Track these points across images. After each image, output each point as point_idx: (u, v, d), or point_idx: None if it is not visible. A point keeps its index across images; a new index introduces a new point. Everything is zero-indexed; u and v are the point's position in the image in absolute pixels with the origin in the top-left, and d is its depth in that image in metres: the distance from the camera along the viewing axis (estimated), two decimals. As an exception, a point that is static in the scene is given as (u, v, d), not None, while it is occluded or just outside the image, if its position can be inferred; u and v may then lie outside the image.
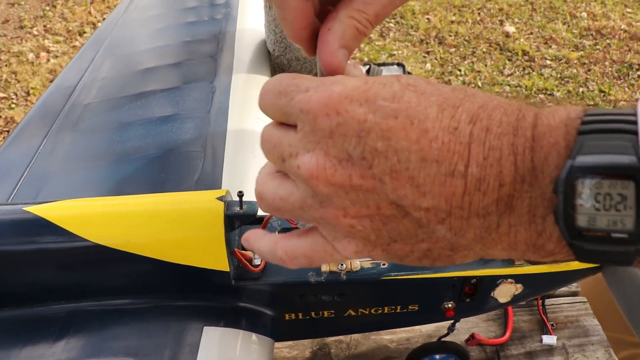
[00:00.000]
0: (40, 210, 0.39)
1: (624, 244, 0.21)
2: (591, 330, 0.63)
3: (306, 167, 0.24)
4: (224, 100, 0.62)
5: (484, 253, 0.25)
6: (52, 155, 0.59)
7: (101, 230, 0.38)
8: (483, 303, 0.44)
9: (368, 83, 0.24)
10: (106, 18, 0.92)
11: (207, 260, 0.38)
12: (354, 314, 0.43)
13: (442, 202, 0.23)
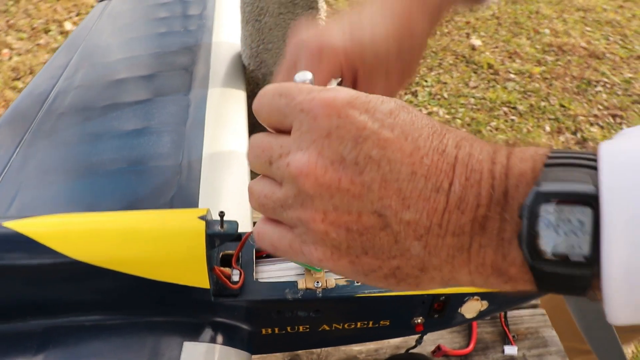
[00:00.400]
0: (19, 226, 0.39)
1: (581, 267, 0.22)
2: (549, 341, 0.66)
3: (296, 164, 0.25)
4: (199, 114, 0.62)
5: (451, 276, 0.26)
6: (24, 167, 0.58)
7: (81, 247, 0.38)
8: (451, 318, 0.46)
9: (368, 97, 0.25)
10: (80, 24, 0.91)
11: (188, 278, 0.39)
12: (328, 329, 0.44)
13: (423, 217, 0.24)
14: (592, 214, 0.22)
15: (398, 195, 0.24)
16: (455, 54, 3.02)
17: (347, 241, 0.26)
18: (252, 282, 0.42)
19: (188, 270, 0.39)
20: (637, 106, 2.59)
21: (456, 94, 2.67)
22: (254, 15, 0.70)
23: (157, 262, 0.38)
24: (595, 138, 2.36)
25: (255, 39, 0.72)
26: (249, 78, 0.76)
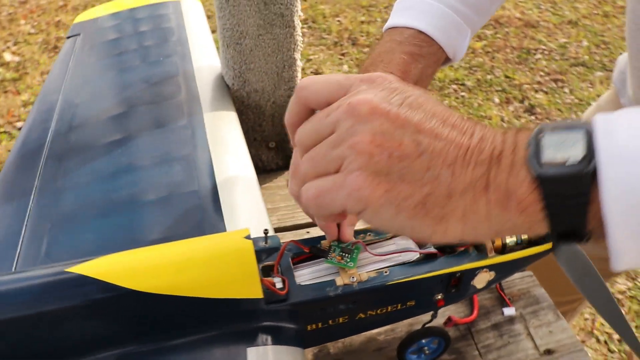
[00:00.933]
0: (83, 269, 0.44)
1: (577, 166, 0.29)
2: (540, 298, 0.74)
3: (357, 98, 0.33)
4: (202, 139, 0.67)
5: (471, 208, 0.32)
6: (45, 214, 0.61)
7: (145, 279, 0.43)
8: (465, 291, 0.53)
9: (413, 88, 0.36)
10: (54, 63, 0.93)
11: (243, 291, 0.44)
12: (364, 316, 0.50)
13: (452, 149, 0.32)
14: (585, 133, 0.30)
15: (431, 132, 0.32)
16: (398, 39, 3.11)
17: (387, 166, 0.31)
18: (295, 286, 0.47)
19: (243, 284, 0.44)
20: (575, 69, 2.75)
21: (405, 77, 2.76)
22: (234, 39, 0.75)
23: (214, 282, 0.43)
24: (542, 104, 2.49)
25: (238, 60, 0.77)
26: (234, 97, 0.81)
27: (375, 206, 0.32)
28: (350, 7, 3.46)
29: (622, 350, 1.53)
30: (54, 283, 0.43)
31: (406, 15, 0.60)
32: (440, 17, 0.59)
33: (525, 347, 0.67)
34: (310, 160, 0.36)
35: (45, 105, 0.81)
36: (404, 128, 0.32)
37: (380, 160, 0.31)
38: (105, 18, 1.01)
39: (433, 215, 0.32)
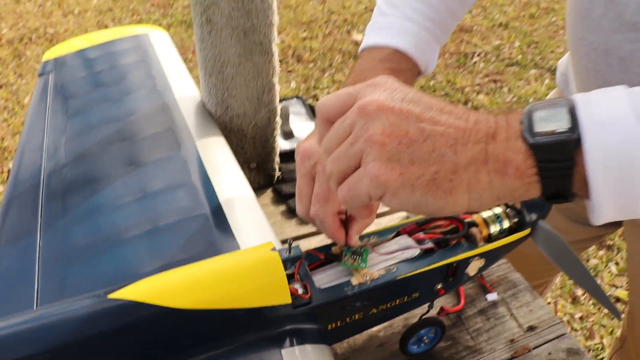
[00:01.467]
0: (125, 294, 0.47)
1: (564, 134, 0.37)
2: (517, 282, 0.82)
3: (365, 100, 0.39)
4: (199, 165, 0.71)
5: (475, 178, 0.39)
6: (57, 251, 0.64)
7: (184, 297, 0.47)
8: (461, 279, 0.60)
9: (408, 88, 0.42)
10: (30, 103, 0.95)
11: (275, 299, 0.49)
12: (376, 311, 0.56)
13: (452, 131, 0.38)
14: (568, 108, 0.37)
15: (432, 120, 0.38)
16: (342, 52, 3.20)
17: (398, 153, 0.37)
18: (316, 290, 0.52)
19: (274, 292, 0.49)
20: (510, 69, 2.91)
21: (352, 88, 2.85)
22: (216, 68, 0.80)
23: (248, 293, 0.48)
24: (484, 104, 2.63)
25: (220, 88, 0.82)
26: (217, 122, 0.86)
27: (393, 188, 0.39)
28: (291, 24, 3.54)
29: (585, 328, 1.64)
30: (99, 310, 0.47)
31: (383, 35, 0.67)
32: (414, 36, 0.66)
33: (510, 327, 0.74)
34: (334, 160, 0.42)
35: (32, 145, 0.83)
36: (408, 119, 0.38)
37: (392, 149, 0.37)
38: (78, 54, 1.03)
39: (443, 189, 0.38)
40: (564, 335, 0.73)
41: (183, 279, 0.49)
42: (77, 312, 0.47)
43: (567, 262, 0.58)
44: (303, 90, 2.84)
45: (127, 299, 0.47)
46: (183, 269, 0.50)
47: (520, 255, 0.86)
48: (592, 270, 1.82)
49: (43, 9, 3.73)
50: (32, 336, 0.44)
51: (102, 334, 0.46)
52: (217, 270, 0.49)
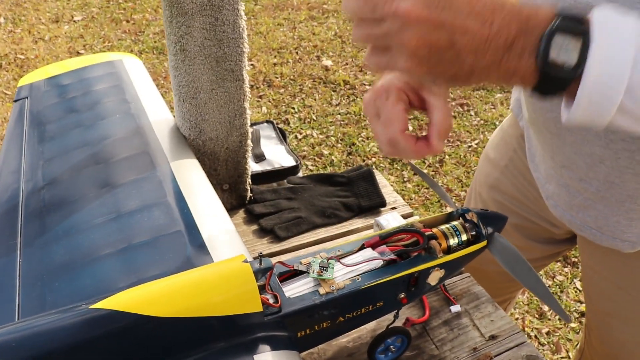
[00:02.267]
0: (107, 304, 0.50)
1: (569, 71, 0.43)
2: (479, 294, 0.86)
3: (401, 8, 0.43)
4: (174, 186, 0.74)
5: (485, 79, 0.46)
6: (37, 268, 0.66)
7: (161, 306, 0.50)
8: (422, 288, 0.64)
9: None
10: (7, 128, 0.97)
11: (247, 307, 0.52)
12: (343, 320, 0.60)
13: (475, 39, 0.43)
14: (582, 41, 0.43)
15: (461, 28, 0.43)
16: (312, 77, 3.27)
17: (428, 56, 0.44)
18: (286, 299, 0.56)
19: (246, 301, 0.52)
20: (477, 93, 3.01)
21: (323, 114, 2.91)
22: (190, 94, 0.84)
23: (222, 301, 0.51)
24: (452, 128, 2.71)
25: (194, 113, 0.86)
26: (191, 146, 0.89)
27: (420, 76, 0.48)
28: (261, 50, 3.60)
29: (551, 342, 1.69)
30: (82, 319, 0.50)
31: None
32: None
33: (473, 336, 0.78)
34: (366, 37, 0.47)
35: (10, 168, 0.85)
36: (440, 29, 0.43)
37: (423, 53, 0.44)
38: (54, 79, 1.06)
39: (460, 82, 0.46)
40: (523, 343, 0.78)
41: (161, 289, 0.52)
42: (60, 322, 0.50)
43: (521, 271, 0.63)
44: (274, 115, 2.89)
45: (111, 308, 0.50)
46: (161, 281, 0.53)
47: (482, 274, 0.91)
48: (558, 287, 1.88)
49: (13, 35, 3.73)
50: (16, 345, 0.47)
51: (85, 342, 0.49)
52: (193, 281, 0.52)
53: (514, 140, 0.93)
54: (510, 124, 0.96)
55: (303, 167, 2.45)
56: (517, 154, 0.92)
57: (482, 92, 3.02)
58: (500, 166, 0.96)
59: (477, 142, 2.61)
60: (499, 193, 0.97)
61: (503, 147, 0.96)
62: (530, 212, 0.93)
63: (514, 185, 0.94)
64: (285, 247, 0.93)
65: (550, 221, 0.90)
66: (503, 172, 0.96)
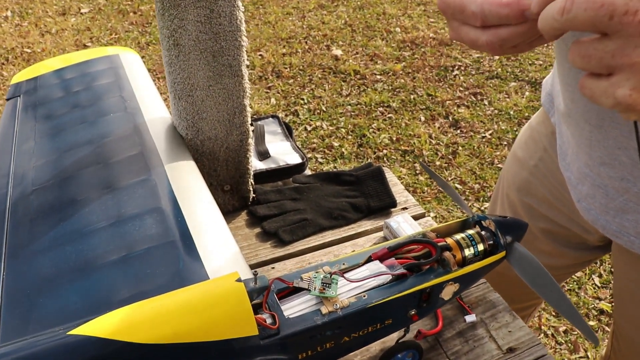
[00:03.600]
0: (85, 330, 0.46)
1: None
2: (496, 302, 0.81)
3: None
4: (168, 191, 0.70)
5: None
6: (20, 280, 0.62)
7: (146, 331, 0.46)
8: (435, 303, 0.58)
9: None
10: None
11: (241, 331, 0.47)
12: (348, 339, 0.55)
13: None
14: None
15: None
16: (322, 68, 3.21)
17: None
18: (285, 319, 0.51)
19: (239, 324, 0.47)
20: (490, 82, 2.93)
21: (333, 105, 2.85)
22: (185, 91, 0.79)
23: (212, 325, 0.47)
24: (465, 118, 2.64)
25: (190, 111, 0.81)
26: (189, 146, 0.84)
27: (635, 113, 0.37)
28: (270, 40, 3.54)
29: (569, 341, 1.64)
30: (58, 347, 0.45)
31: None
32: None
33: (489, 349, 0.73)
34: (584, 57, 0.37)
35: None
36: None
37: None
38: (46, 77, 1.02)
39: None
40: (544, 356, 0.72)
41: (145, 313, 0.47)
42: (34, 351, 0.45)
43: (543, 285, 0.58)
44: (283, 106, 2.84)
45: (88, 334, 0.45)
46: (145, 303, 0.48)
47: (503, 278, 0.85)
48: (576, 283, 1.82)
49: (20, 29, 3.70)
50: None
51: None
52: (181, 303, 0.47)
53: (544, 138, 0.87)
54: (539, 120, 0.90)
55: (312, 160, 2.40)
56: (548, 152, 0.86)
57: (495, 80, 2.95)
58: (530, 166, 0.90)
59: (491, 132, 2.54)
60: (528, 195, 0.91)
61: (532, 145, 0.90)
62: (562, 216, 0.87)
63: (544, 187, 0.88)
64: (290, 251, 0.89)
65: (583, 226, 0.84)
66: (532, 172, 0.90)
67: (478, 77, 2.97)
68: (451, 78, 2.98)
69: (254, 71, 3.20)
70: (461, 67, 3.08)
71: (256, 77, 3.14)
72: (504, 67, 3.07)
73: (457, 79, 2.98)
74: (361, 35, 3.55)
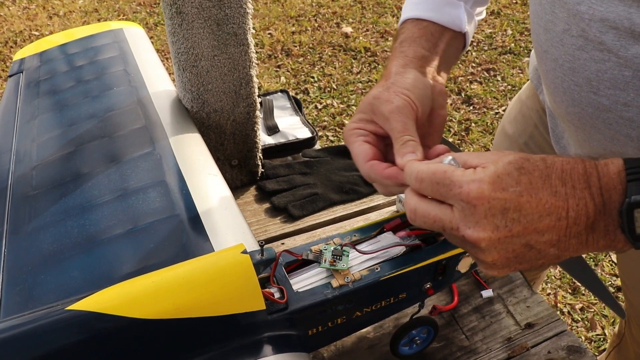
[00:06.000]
0: (85, 305, 0.43)
1: None
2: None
3: (471, 237, 0.39)
4: (173, 164, 0.67)
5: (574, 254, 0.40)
6: (22, 255, 0.60)
7: (148, 306, 0.43)
8: (451, 276, 0.56)
9: (499, 176, 0.38)
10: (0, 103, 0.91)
11: (247, 305, 0.45)
12: (360, 314, 0.52)
13: (554, 235, 0.39)
14: None
15: (536, 231, 0.38)
16: (332, 45, 3.16)
17: (507, 262, 0.40)
18: (293, 293, 0.48)
19: (245, 298, 0.45)
20: (504, 57, 2.87)
21: (343, 82, 2.81)
22: (190, 62, 0.76)
23: (217, 299, 0.44)
24: (478, 94, 2.59)
25: (195, 83, 0.78)
26: (194, 119, 0.82)
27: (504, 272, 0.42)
28: (279, 19, 3.49)
29: (585, 319, 1.61)
30: (57, 323, 0.43)
31: None
32: None
33: (507, 325, 0.70)
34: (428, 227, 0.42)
35: (0, 148, 0.79)
36: (514, 239, 0.39)
37: (501, 263, 0.41)
38: (49, 52, 0.99)
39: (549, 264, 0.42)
40: (563, 332, 0.70)
41: (148, 288, 0.45)
42: (33, 328, 0.43)
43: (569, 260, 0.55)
44: (293, 85, 2.80)
45: (88, 310, 0.43)
46: (147, 277, 0.46)
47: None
48: (592, 260, 1.78)
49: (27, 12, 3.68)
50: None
51: (62, 349, 0.43)
52: (184, 277, 0.45)
53: (534, 114, 0.82)
54: (528, 95, 0.85)
55: (323, 138, 2.37)
56: (539, 129, 0.82)
57: (509, 55, 2.88)
58: (519, 143, 0.86)
59: (504, 108, 2.49)
60: None
61: (522, 121, 0.86)
62: None
63: None
64: (300, 226, 0.86)
65: None
66: (523, 150, 0.86)
67: (491, 53, 2.91)
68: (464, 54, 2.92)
69: (263, 50, 3.15)
70: (473, 43, 3.01)
71: (265, 56, 3.10)
72: (517, 43, 3.00)
73: (470, 54, 2.92)
74: (371, 12, 3.48)
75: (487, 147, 2.27)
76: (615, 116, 0.53)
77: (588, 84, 0.54)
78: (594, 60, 0.52)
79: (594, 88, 0.53)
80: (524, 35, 3.07)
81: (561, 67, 0.56)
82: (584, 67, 0.53)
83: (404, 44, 0.58)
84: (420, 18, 0.59)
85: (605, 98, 0.53)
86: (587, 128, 0.58)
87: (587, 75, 0.53)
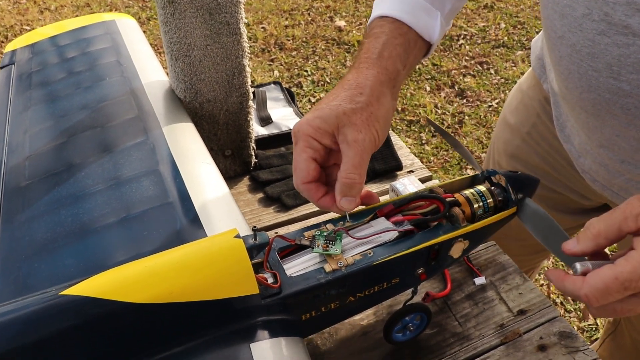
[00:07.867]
0: (78, 290, 0.44)
1: None
2: (506, 264, 0.78)
3: None
4: (166, 153, 0.67)
5: None
6: (15, 245, 0.60)
7: (141, 291, 0.43)
8: (444, 262, 0.56)
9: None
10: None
11: (241, 289, 0.45)
12: (353, 299, 0.53)
13: None
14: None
15: None
16: (325, 39, 3.16)
17: None
18: (286, 278, 0.49)
19: (239, 282, 0.45)
20: (497, 50, 2.87)
21: (337, 76, 2.81)
22: (182, 51, 0.76)
23: (211, 284, 0.44)
24: (471, 87, 2.59)
25: (188, 72, 0.78)
26: (187, 109, 0.82)
27: None
28: (272, 12, 3.48)
29: (578, 309, 1.62)
30: (49, 308, 0.43)
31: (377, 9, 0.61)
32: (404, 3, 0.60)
33: (500, 311, 0.71)
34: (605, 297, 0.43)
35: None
36: None
37: None
38: (41, 44, 0.99)
39: None
40: (555, 318, 0.70)
41: (141, 272, 0.45)
42: (25, 313, 0.43)
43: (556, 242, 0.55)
44: (287, 79, 2.80)
45: (81, 294, 0.43)
46: (141, 262, 0.46)
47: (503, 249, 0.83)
48: None
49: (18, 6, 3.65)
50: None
51: (56, 335, 0.42)
52: (177, 261, 0.45)
53: (536, 104, 0.83)
54: (530, 84, 0.85)
55: (317, 132, 2.36)
56: (541, 119, 0.82)
57: (502, 49, 2.89)
58: (522, 133, 0.87)
59: (498, 101, 2.49)
60: (520, 163, 0.88)
61: (524, 111, 0.86)
62: (558, 183, 0.84)
63: (538, 155, 0.85)
64: (293, 215, 0.86)
65: (580, 192, 0.81)
66: (525, 139, 0.86)
67: (484, 46, 2.92)
68: (457, 47, 2.92)
69: (257, 44, 3.15)
70: (467, 36, 3.02)
71: (259, 50, 3.09)
72: (510, 36, 3.01)
73: (463, 48, 2.92)
74: (365, 5, 3.48)
75: (481, 140, 2.28)
76: (636, 101, 0.53)
77: (608, 69, 0.53)
78: (617, 45, 0.51)
79: (615, 73, 0.53)
80: (517, 29, 3.08)
81: (578, 52, 0.56)
82: (605, 51, 0.52)
83: (385, 49, 0.56)
84: (401, 20, 0.58)
85: (627, 83, 0.52)
86: (602, 114, 0.58)
87: (608, 60, 0.53)
